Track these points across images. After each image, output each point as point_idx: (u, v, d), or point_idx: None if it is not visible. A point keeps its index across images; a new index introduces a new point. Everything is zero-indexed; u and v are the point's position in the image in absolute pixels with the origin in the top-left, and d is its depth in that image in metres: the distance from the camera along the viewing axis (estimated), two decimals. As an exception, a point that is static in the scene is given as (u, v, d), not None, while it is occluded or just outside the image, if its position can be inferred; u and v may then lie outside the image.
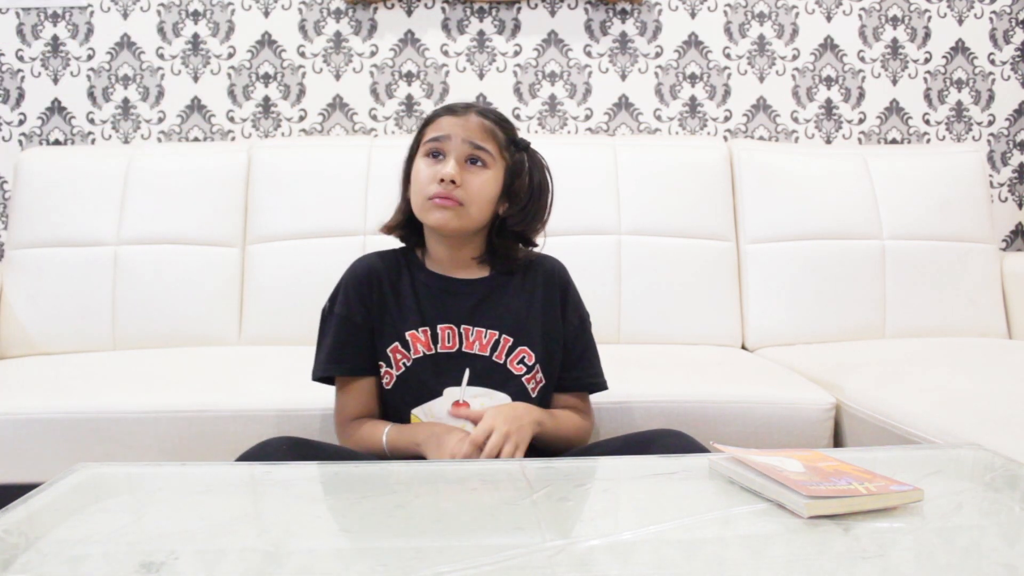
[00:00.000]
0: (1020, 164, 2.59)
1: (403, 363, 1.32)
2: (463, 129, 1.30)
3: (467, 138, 1.30)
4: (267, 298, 2.13)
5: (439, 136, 1.31)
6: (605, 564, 0.78)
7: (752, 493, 0.94)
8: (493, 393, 1.31)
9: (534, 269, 1.40)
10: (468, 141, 1.30)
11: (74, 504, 0.99)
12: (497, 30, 2.47)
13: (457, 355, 1.32)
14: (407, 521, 0.89)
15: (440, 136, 1.31)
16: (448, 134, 1.31)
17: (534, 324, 1.36)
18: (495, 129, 1.33)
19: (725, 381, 1.76)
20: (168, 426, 1.59)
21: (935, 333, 2.18)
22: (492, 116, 1.35)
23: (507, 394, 1.31)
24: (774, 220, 2.24)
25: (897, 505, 0.88)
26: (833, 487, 0.89)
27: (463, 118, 1.32)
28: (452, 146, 1.30)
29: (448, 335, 1.33)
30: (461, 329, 1.33)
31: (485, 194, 1.31)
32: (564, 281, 1.41)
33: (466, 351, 1.32)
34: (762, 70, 2.52)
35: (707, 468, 1.03)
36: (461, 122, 1.31)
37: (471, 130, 1.31)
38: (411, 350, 1.32)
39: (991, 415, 1.42)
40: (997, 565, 0.80)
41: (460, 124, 1.31)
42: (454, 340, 1.33)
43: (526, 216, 1.35)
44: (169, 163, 2.24)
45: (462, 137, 1.30)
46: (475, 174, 1.30)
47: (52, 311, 2.11)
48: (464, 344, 1.33)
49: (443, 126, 1.32)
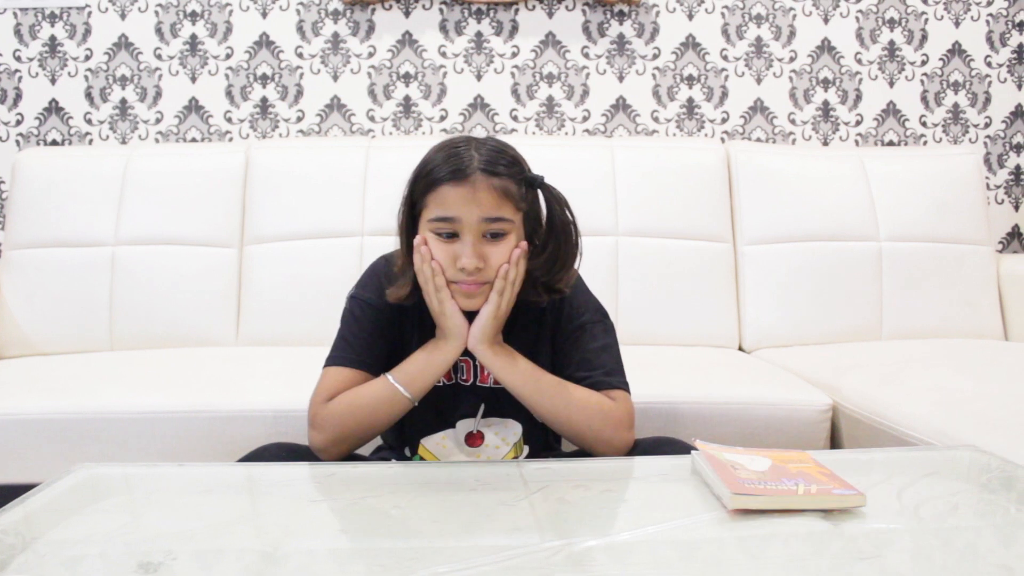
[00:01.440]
0: (1016, 166, 2.59)
1: None
2: (475, 206, 1.15)
3: (482, 215, 1.15)
4: (264, 299, 2.13)
5: (448, 217, 1.16)
6: (602, 564, 0.78)
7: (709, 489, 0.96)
8: (507, 422, 1.27)
9: None
10: (483, 219, 1.15)
11: (72, 504, 0.99)
12: (495, 31, 2.48)
13: (471, 388, 1.27)
14: (404, 522, 0.89)
15: (449, 217, 1.15)
16: (458, 216, 1.15)
17: (544, 348, 1.28)
18: (507, 186, 1.17)
19: (722, 382, 1.77)
20: (166, 427, 1.59)
21: (932, 335, 2.18)
22: (501, 168, 1.17)
23: (520, 423, 1.27)
24: (771, 222, 2.25)
25: (838, 508, 0.89)
26: (772, 487, 0.91)
27: (471, 188, 1.14)
28: (465, 227, 1.15)
29: (464, 368, 1.26)
30: (477, 363, 1.25)
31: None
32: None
33: (480, 384, 1.27)
34: (759, 72, 2.52)
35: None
36: (470, 196, 1.14)
37: (484, 205, 1.15)
38: None
39: (987, 416, 1.42)
40: (993, 566, 0.80)
41: (470, 199, 1.14)
42: (469, 373, 1.27)
43: (551, 265, 1.22)
44: (167, 164, 2.24)
45: (477, 217, 1.15)
46: (496, 246, 1.17)
47: (49, 311, 2.11)
48: (479, 377, 1.27)
49: (450, 203, 1.15)
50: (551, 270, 1.22)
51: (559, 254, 1.22)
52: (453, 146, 1.19)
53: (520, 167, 1.20)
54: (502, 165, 1.17)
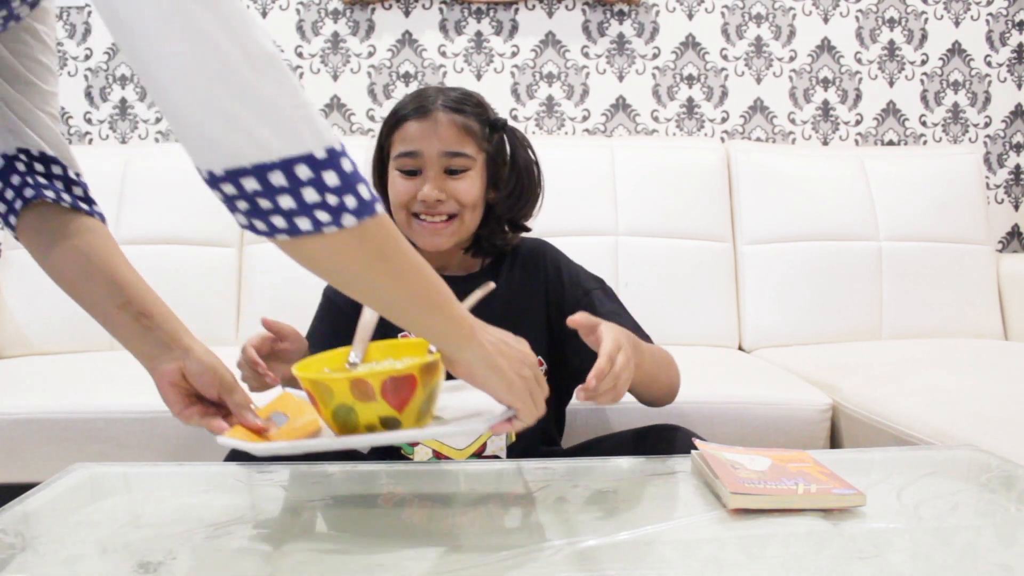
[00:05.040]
0: (1016, 166, 2.59)
1: None
2: (435, 139, 1.19)
3: (442, 149, 1.19)
4: (265, 298, 2.13)
5: (410, 151, 1.20)
6: (602, 564, 0.78)
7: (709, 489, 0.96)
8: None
9: (521, 255, 1.31)
10: (443, 152, 1.20)
11: (71, 504, 0.99)
12: (495, 31, 2.48)
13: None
14: (404, 521, 0.89)
15: (411, 151, 1.20)
16: (419, 150, 1.20)
17: (533, 313, 1.27)
18: (468, 123, 1.21)
19: (722, 382, 1.77)
20: (165, 426, 1.59)
21: (931, 334, 2.18)
22: (465, 106, 1.22)
23: None
24: (771, 221, 2.25)
25: (838, 508, 0.89)
26: (772, 486, 0.91)
27: (432, 123, 1.19)
28: (426, 162, 1.20)
29: None
30: None
31: (472, 196, 1.22)
32: (554, 260, 1.31)
33: None
34: (759, 72, 2.52)
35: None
36: (431, 130, 1.19)
37: (444, 138, 1.19)
38: None
39: (987, 416, 1.42)
40: (993, 566, 0.80)
41: (430, 133, 1.19)
42: None
43: (515, 202, 1.26)
44: (167, 163, 2.24)
45: (437, 150, 1.19)
46: (457, 181, 1.21)
47: (49, 311, 2.11)
48: None
49: (412, 138, 1.20)
50: (515, 206, 1.26)
51: (523, 190, 1.26)
52: (421, 90, 1.26)
53: (484, 109, 1.24)
54: (466, 105, 1.22)
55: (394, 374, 0.86)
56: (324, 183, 0.68)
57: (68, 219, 0.98)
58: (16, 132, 0.95)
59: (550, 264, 1.30)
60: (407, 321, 0.87)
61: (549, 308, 1.28)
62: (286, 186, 0.67)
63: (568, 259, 1.33)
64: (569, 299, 1.26)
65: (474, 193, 1.22)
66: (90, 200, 1.01)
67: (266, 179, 0.67)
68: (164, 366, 0.95)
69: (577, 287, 1.29)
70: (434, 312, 0.83)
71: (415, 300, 0.82)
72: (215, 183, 0.70)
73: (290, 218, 0.69)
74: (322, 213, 0.69)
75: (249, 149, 0.66)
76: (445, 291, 0.85)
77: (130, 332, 0.96)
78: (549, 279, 1.29)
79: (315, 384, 0.88)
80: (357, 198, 0.71)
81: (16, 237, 1.00)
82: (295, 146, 0.67)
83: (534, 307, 1.27)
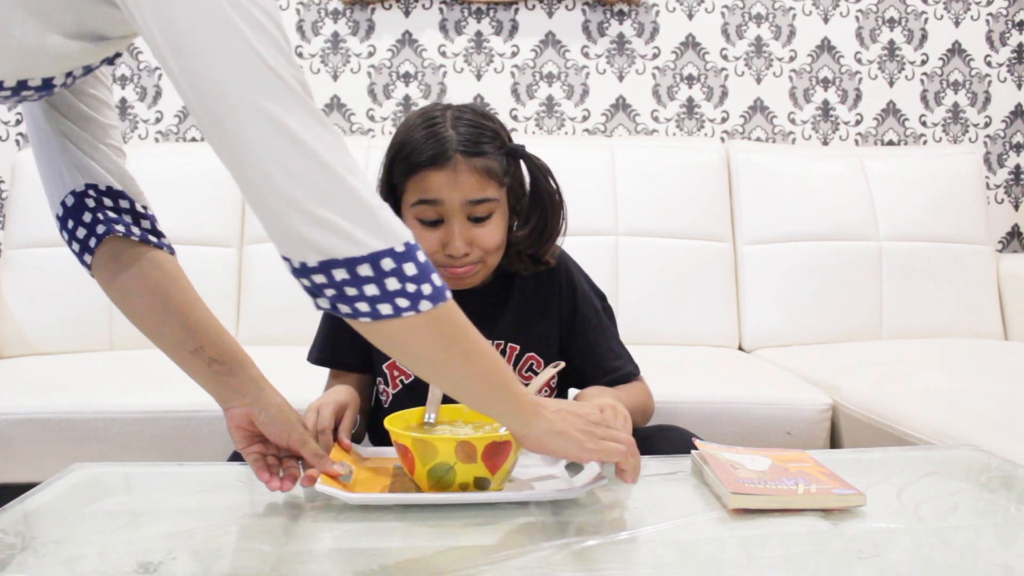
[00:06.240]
0: (1016, 166, 2.59)
1: (400, 380, 1.23)
2: (457, 190, 1.10)
3: (465, 198, 1.11)
4: (265, 298, 2.13)
5: (430, 200, 1.11)
6: (602, 564, 0.78)
7: (709, 488, 0.96)
8: None
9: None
10: (467, 202, 1.11)
11: (71, 504, 0.99)
12: (495, 31, 2.48)
13: None
14: (404, 522, 0.89)
15: (431, 200, 1.11)
16: (440, 199, 1.11)
17: (542, 326, 1.24)
18: (490, 164, 1.12)
19: (722, 382, 1.77)
20: (165, 426, 1.59)
21: (931, 334, 2.19)
22: (483, 143, 1.13)
23: None
24: (771, 221, 2.25)
25: (838, 508, 0.89)
26: (772, 486, 0.91)
27: (452, 172, 1.10)
28: (449, 211, 1.12)
29: None
30: None
31: (497, 240, 1.16)
32: (568, 272, 1.26)
33: None
34: (759, 71, 2.52)
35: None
36: (451, 180, 1.10)
37: (466, 188, 1.11)
38: None
39: (987, 416, 1.43)
40: (993, 566, 0.80)
41: (452, 183, 1.10)
42: None
43: (537, 237, 1.19)
44: (166, 163, 2.24)
45: (459, 200, 1.11)
46: (482, 227, 1.13)
47: (49, 311, 2.11)
48: None
49: (432, 189, 1.11)
50: (537, 241, 1.20)
51: (545, 225, 1.20)
52: (430, 121, 1.14)
53: (501, 139, 1.16)
54: (483, 142, 1.13)
55: (496, 439, 0.92)
56: (404, 273, 0.76)
57: (139, 253, 1.00)
58: (83, 168, 0.98)
59: (564, 283, 1.26)
60: (474, 400, 0.92)
61: (562, 327, 1.26)
62: (372, 276, 0.75)
63: (579, 275, 1.29)
64: (583, 315, 1.25)
65: (499, 236, 1.16)
66: (158, 233, 1.03)
67: (355, 271, 0.75)
68: (235, 410, 1.00)
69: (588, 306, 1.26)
70: (499, 391, 0.88)
71: (482, 380, 0.87)
72: (306, 273, 0.77)
73: (373, 304, 0.77)
74: (402, 299, 0.77)
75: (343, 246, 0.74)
76: (508, 371, 0.91)
77: (203, 376, 1.01)
78: (563, 299, 1.25)
79: (420, 442, 0.93)
80: (432, 286, 0.79)
81: (91, 275, 1.02)
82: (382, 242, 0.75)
83: (548, 323, 1.25)
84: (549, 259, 1.22)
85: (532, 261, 1.22)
